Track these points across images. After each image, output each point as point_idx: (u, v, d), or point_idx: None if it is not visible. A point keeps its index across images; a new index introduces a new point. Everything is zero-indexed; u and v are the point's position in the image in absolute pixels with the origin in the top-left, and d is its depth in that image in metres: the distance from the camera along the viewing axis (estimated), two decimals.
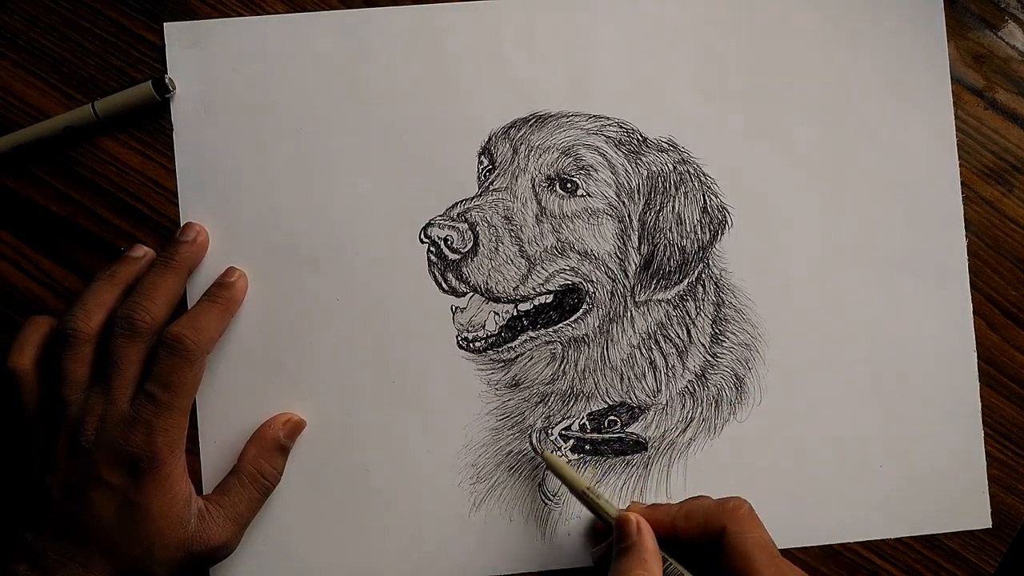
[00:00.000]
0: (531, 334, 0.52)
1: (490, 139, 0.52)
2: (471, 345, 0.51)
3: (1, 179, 0.52)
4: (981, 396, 0.52)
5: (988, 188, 0.53)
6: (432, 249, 0.51)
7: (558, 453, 0.52)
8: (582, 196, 0.51)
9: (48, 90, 0.52)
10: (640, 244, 0.51)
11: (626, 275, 0.51)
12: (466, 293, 0.51)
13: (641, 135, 0.52)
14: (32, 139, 0.51)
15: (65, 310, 0.49)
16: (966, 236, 0.53)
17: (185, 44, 0.52)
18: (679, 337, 0.52)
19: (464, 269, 0.51)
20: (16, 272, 0.52)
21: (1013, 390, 0.53)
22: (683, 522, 0.45)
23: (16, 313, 0.52)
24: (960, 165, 0.53)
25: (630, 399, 0.52)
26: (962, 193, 0.53)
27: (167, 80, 0.51)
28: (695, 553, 0.45)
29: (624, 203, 0.51)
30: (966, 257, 0.53)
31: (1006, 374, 0.53)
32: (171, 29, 0.52)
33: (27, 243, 0.52)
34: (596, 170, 0.51)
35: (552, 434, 0.52)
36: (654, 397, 0.52)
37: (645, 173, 0.52)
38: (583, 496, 0.47)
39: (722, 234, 0.52)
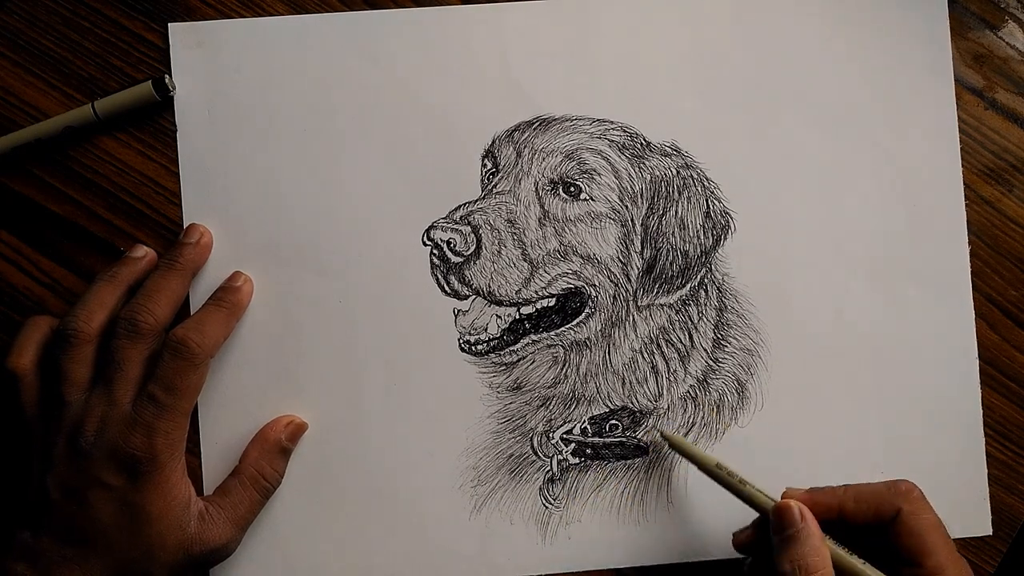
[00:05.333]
0: (533, 337, 0.52)
1: (493, 142, 0.52)
2: (473, 348, 0.51)
3: (1, 179, 0.52)
4: (981, 396, 0.53)
5: (988, 188, 0.53)
6: (435, 251, 0.51)
7: (559, 457, 0.52)
8: (585, 200, 0.51)
9: (48, 90, 0.52)
10: (643, 248, 0.51)
11: (628, 279, 0.51)
12: (468, 296, 0.51)
13: (644, 139, 0.52)
14: (32, 139, 0.51)
15: (66, 311, 0.49)
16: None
17: (189, 45, 0.52)
18: (681, 342, 0.52)
19: (467, 272, 0.51)
20: (16, 272, 0.52)
21: (1013, 390, 0.53)
22: (852, 504, 0.45)
23: (16, 313, 0.52)
24: (960, 165, 0.53)
25: (632, 403, 0.52)
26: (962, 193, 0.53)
27: (167, 80, 0.51)
28: (856, 535, 0.45)
29: (627, 207, 0.51)
30: (969, 264, 0.53)
31: (1006, 374, 0.53)
32: (175, 29, 0.52)
33: (27, 243, 0.52)
34: (599, 174, 0.51)
35: (553, 438, 0.52)
36: (656, 401, 0.52)
37: (648, 177, 0.52)
38: (722, 478, 0.47)
39: (725, 239, 0.52)
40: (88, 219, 0.52)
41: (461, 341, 0.51)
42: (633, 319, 0.52)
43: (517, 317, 0.51)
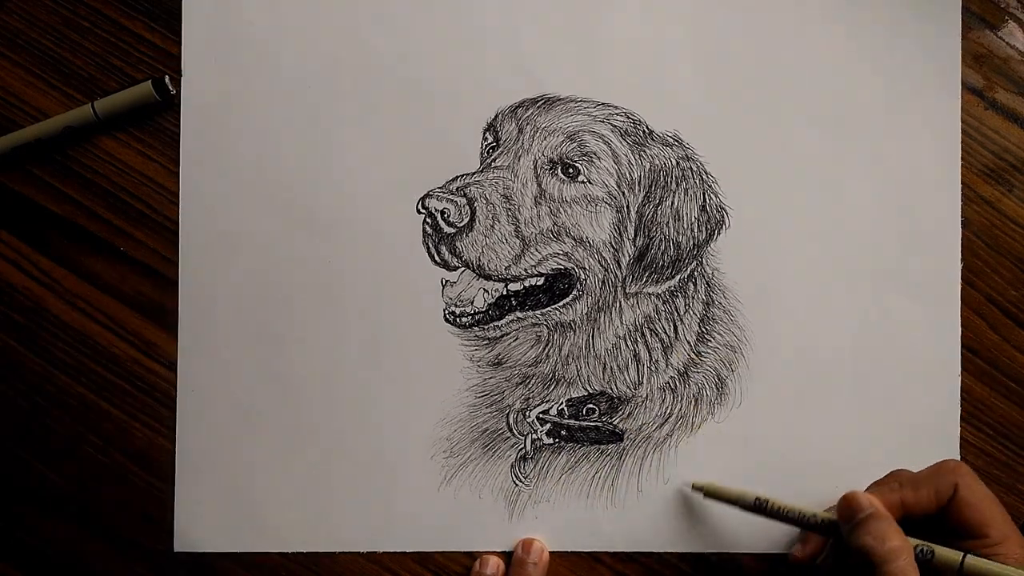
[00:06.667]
0: (518, 315, 0.52)
1: (496, 116, 0.52)
2: (457, 320, 0.51)
3: (1, 179, 0.52)
4: (981, 395, 0.52)
5: (988, 188, 0.53)
6: (428, 220, 0.51)
7: (533, 436, 0.52)
8: (583, 182, 0.51)
9: (48, 90, 0.52)
10: (636, 236, 0.51)
11: (619, 265, 0.51)
12: (457, 267, 0.51)
13: (647, 127, 0.52)
14: (32, 139, 0.51)
15: None
16: (965, 235, 0.52)
17: None
18: (665, 332, 0.52)
19: (458, 243, 0.51)
20: (16, 272, 0.52)
21: (1013, 389, 0.52)
22: (912, 494, 0.46)
23: (16, 313, 0.52)
24: (960, 165, 0.53)
25: (611, 389, 0.52)
26: (962, 193, 0.53)
27: (167, 80, 0.51)
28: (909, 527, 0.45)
29: (624, 193, 0.51)
30: (959, 279, 0.52)
31: (1006, 374, 0.52)
32: None
33: (27, 243, 0.52)
34: (599, 158, 0.51)
35: (530, 416, 0.52)
36: (635, 389, 0.52)
37: (648, 165, 0.52)
38: (762, 508, 0.47)
39: (718, 234, 0.52)
40: (88, 219, 0.52)
41: (446, 312, 0.51)
42: (620, 305, 0.52)
43: (504, 293, 0.51)
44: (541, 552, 0.51)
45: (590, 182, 0.51)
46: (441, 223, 0.51)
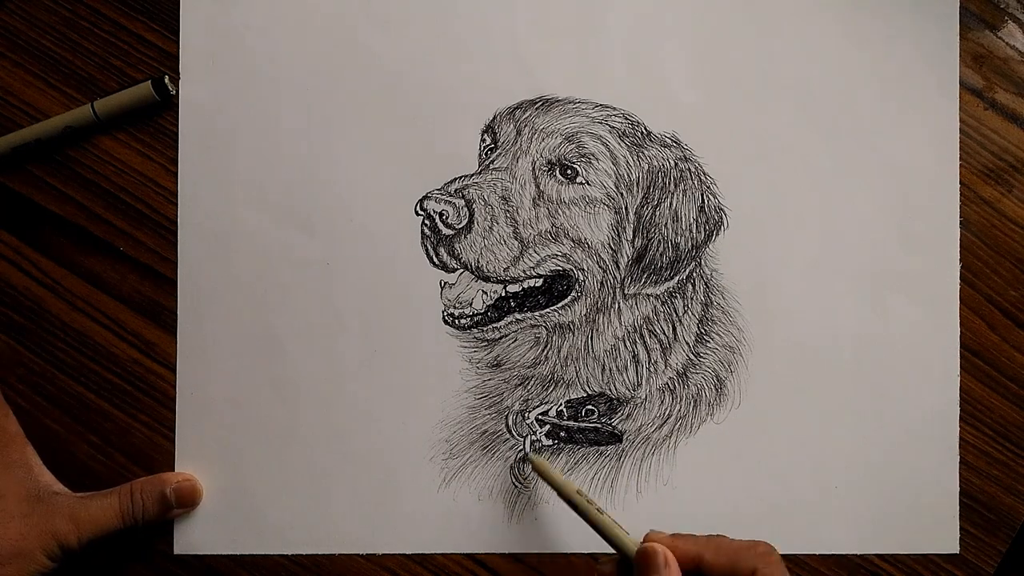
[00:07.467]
0: (517, 316, 0.52)
1: (495, 118, 0.52)
2: (456, 322, 0.51)
3: (1, 179, 0.52)
4: (981, 396, 0.52)
5: (988, 188, 0.53)
6: (426, 222, 0.51)
7: (532, 437, 0.52)
8: (581, 184, 0.51)
9: (48, 90, 0.52)
10: (634, 237, 0.51)
11: (617, 267, 0.51)
12: (456, 269, 0.51)
13: (645, 128, 0.52)
14: (32, 139, 0.51)
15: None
16: (964, 235, 0.53)
17: None
18: (664, 333, 0.52)
19: (456, 245, 0.51)
20: (16, 272, 0.52)
21: (1012, 390, 0.52)
22: (711, 556, 0.45)
23: (16, 313, 0.52)
24: (960, 165, 0.53)
25: (610, 390, 0.52)
26: (962, 193, 0.53)
27: (167, 80, 0.51)
28: None
29: (622, 195, 0.51)
30: (959, 280, 0.53)
31: (1006, 374, 0.52)
32: None
33: (27, 243, 0.52)
34: (597, 159, 0.51)
35: (529, 418, 0.52)
36: (634, 391, 0.52)
37: (646, 167, 0.52)
38: (581, 507, 0.46)
39: (717, 235, 0.52)
40: (88, 219, 0.52)
41: (445, 314, 0.51)
42: (618, 307, 0.52)
43: (503, 294, 0.51)
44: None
45: (588, 183, 0.51)
46: (440, 225, 0.51)
